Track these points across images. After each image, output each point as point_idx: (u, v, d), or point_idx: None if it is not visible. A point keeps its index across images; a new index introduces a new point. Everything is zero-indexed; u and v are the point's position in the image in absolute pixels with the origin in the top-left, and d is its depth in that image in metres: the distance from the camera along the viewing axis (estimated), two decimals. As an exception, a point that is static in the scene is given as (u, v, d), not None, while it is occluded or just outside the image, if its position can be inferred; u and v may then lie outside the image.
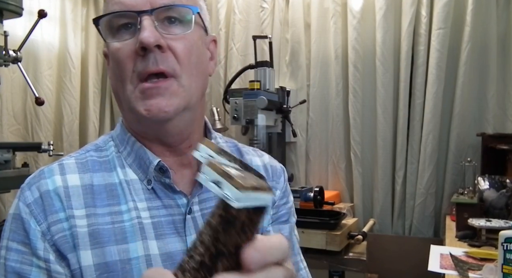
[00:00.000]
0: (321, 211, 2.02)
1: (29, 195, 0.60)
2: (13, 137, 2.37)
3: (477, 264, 1.28)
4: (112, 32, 0.61)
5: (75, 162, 0.64)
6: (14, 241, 0.59)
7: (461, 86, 2.16)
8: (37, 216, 0.59)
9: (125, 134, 0.67)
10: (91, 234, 0.59)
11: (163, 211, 0.64)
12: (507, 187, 1.71)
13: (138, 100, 0.60)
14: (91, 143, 0.70)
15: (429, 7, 2.21)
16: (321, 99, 2.48)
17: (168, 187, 0.65)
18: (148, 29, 0.58)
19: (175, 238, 0.63)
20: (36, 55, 2.46)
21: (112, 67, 0.63)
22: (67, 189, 0.61)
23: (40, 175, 0.62)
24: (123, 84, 0.61)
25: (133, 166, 0.65)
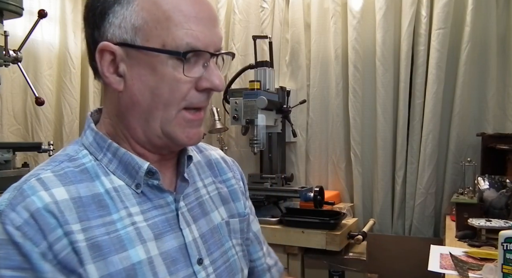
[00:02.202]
0: (321, 211, 2.02)
1: (16, 217, 0.56)
2: (13, 137, 2.37)
3: (477, 264, 1.28)
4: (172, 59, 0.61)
5: (54, 175, 0.61)
6: (7, 268, 0.54)
7: (461, 86, 2.16)
8: (33, 237, 0.55)
9: (104, 141, 0.66)
10: (91, 248, 0.58)
11: (155, 212, 0.66)
12: (507, 187, 1.71)
13: (180, 127, 0.64)
14: (59, 154, 0.67)
15: (429, 7, 2.21)
16: (321, 99, 2.48)
17: (156, 187, 0.67)
18: (217, 75, 0.64)
19: (172, 235, 0.66)
20: (36, 55, 2.46)
21: (156, 88, 0.62)
22: (57, 204, 0.58)
23: (22, 193, 0.58)
24: (165, 108, 0.63)
25: (117, 172, 0.65)
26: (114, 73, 0.64)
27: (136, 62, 0.62)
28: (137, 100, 0.63)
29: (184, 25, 0.61)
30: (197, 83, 0.64)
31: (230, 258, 0.75)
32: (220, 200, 0.79)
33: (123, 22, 0.61)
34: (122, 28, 0.61)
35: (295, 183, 2.46)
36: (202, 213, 0.73)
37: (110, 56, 0.63)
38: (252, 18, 2.61)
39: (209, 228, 0.73)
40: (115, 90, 0.64)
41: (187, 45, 0.61)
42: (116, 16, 0.62)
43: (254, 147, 2.21)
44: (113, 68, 0.64)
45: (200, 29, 0.62)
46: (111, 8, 0.62)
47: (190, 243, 0.68)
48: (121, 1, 0.61)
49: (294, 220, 1.92)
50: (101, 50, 0.63)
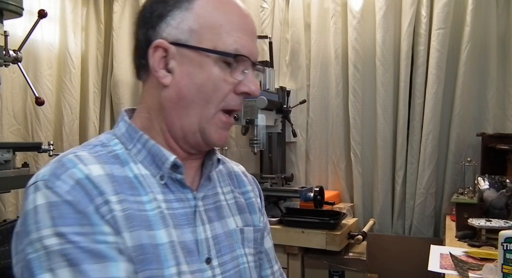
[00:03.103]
0: (321, 211, 2.02)
1: (62, 184, 0.60)
2: (13, 137, 2.37)
3: (477, 264, 1.28)
4: (219, 61, 0.68)
5: (89, 154, 0.66)
6: (65, 226, 0.57)
7: (461, 86, 2.16)
8: (82, 200, 0.59)
9: (135, 133, 0.71)
10: (126, 218, 0.62)
11: (176, 204, 0.70)
12: (507, 187, 1.71)
13: (215, 127, 0.71)
14: (93, 140, 0.72)
15: (429, 7, 2.21)
16: (321, 99, 2.48)
17: (178, 182, 0.71)
18: (254, 82, 0.72)
19: (189, 229, 0.70)
20: (36, 55, 2.47)
21: (202, 85, 0.68)
22: (94, 177, 0.62)
23: (64, 164, 0.62)
24: (206, 105, 0.69)
25: (144, 162, 0.70)
26: (164, 69, 0.70)
27: (187, 60, 0.69)
28: (183, 95, 0.69)
29: (233, 33, 0.69)
30: (236, 87, 0.71)
31: (240, 264, 0.76)
32: (237, 208, 0.82)
33: (181, 24, 0.68)
34: (178, 29, 0.68)
35: (295, 183, 2.46)
36: (217, 216, 0.76)
37: (162, 53, 0.69)
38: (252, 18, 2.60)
39: (223, 232, 0.76)
40: (161, 84, 0.69)
41: (235, 50, 0.68)
42: (174, 19, 0.69)
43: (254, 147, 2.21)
44: (163, 64, 0.69)
45: (245, 39, 0.70)
46: (170, 11, 0.69)
47: (202, 241, 0.70)
48: (181, 6, 0.69)
49: (294, 220, 1.92)
50: (155, 47, 0.69)
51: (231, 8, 0.71)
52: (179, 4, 0.69)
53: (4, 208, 2.32)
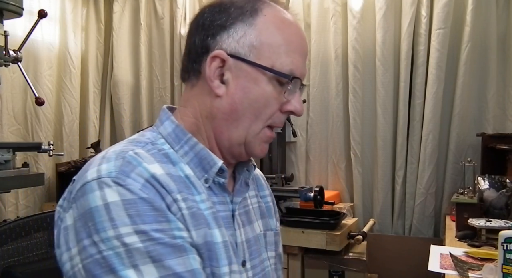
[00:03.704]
0: (321, 211, 2.02)
1: (133, 182, 0.59)
2: (13, 138, 2.37)
3: (477, 264, 1.28)
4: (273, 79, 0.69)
5: (146, 153, 0.66)
6: (145, 223, 0.57)
7: (461, 86, 2.16)
8: (155, 197, 0.60)
9: (184, 134, 0.71)
10: (191, 216, 0.64)
11: (219, 207, 0.71)
12: (507, 187, 1.71)
13: (259, 141, 0.73)
14: (139, 137, 0.71)
15: (429, 7, 2.21)
16: (321, 99, 2.48)
17: (220, 186, 0.72)
18: (301, 102, 0.74)
19: (229, 231, 0.71)
20: (36, 55, 2.47)
21: (255, 101, 0.70)
22: (159, 176, 0.63)
23: (129, 162, 0.62)
24: (256, 120, 0.70)
25: (190, 164, 0.70)
26: (218, 79, 0.70)
27: (244, 74, 0.69)
28: (235, 108, 0.70)
29: (291, 54, 0.70)
30: (283, 106, 0.72)
31: (265, 268, 0.79)
32: (260, 213, 0.84)
33: (243, 38, 0.69)
34: (240, 43, 0.69)
35: (295, 183, 2.46)
36: (247, 220, 0.78)
37: (219, 63, 0.69)
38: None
39: (252, 236, 0.78)
40: (215, 94, 0.70)
41: (290, 71, 0.70)
42: (237, 32, 0.69)
43: (254, 147, 2.21)
44: (218, 74, 0.70)
45: (300, 61, 0.72)
46: (233, 24, 0.70)
47: (239, 244, 0.72)
48: (245, 20, 0.70)
49: (294, 220, 1.92)
50: (214, 56, 0.69)
51: (292, 29, 0.72)
52: (243, 18, 0.70)
53: (4, 208, 2.32)
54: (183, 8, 2.74)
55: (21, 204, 2.41)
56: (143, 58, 2.82)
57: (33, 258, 1.00)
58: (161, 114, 0.75)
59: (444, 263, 1.32)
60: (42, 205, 2.50)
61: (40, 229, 1.03)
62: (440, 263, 1.33)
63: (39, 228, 1.03)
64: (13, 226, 0.99)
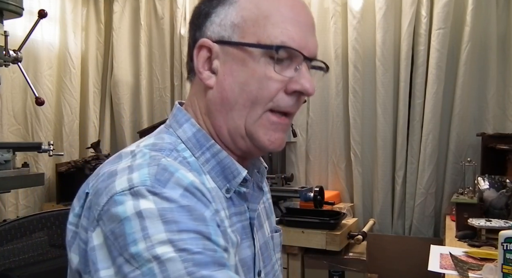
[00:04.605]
0: (321, 211, 2.02)
1: (170, 191, 0.52)
2: (13, 137, 2.37)
3: (477, 264, 1.28)
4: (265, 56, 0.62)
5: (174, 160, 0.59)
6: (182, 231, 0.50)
7: (461, 86, 2.16)
8: (196, 205, 0.53)
9: (207, 140, 0.65)
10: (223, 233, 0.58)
11: (235, 218, 0.65)
12: (507, 187, 1.71)
13: (263, 128, 0.63)
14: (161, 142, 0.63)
15: (429, 7, 2.21)
16: (321, 99, 2.48)
17: (241, 195, 0.67)
18: (309, 79, 0.63)
19: (246, 243, 0.66)
20: (36, 55, 2.47)
21: (246, 84, 0.62)
22: (198, 184, 0.56)
23: (165, 169, 0.55)
24: (252, 106, 0.62)
25: (212, 173, 0.64)
26: (208, 70, 0.65)
27: (230, 58, 0.63)
28: (226, 95, 0.63)
29: (281, 24, 0.62)
30: (287, 85, 0.63)
31: (275, 272, 0.75)
32: (266, 213, 0.79)
33: (224, 20, 0.63)
34: (221, 26, 0.64)
35: (295, 183, 2.46)
36: (259, 225, 0.73)
37: (207, 53, 0.64)
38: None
39: (264, 241, 0.73)
40: (206, 86, 0.65)
41: (281, 43, 0.61)
42: (217, 16, 0.64)
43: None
44: (208, 65, 0.65)
45: (296, 31, 0.62)
46: (214, 9, 0.65)
47: (257, 254, 0.68)
48: (225, 2, 0.64)
49: (294, 220, 1.92)
50: (199, 46, 0.64)
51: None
52: (224, 0, 0.64)
53: (4, 208, 2.32)
54: (183, 8, 2.74)
55: (21, 204, 2.41)
56: (143, 58, 2.82)
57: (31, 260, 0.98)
58: (176, 113, 0.67)
59: (444, 263, 1.32)
60: (42, 205, 2.50)
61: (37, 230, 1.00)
62: (440, 263, 1.33)
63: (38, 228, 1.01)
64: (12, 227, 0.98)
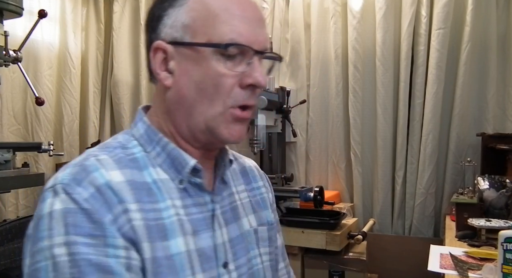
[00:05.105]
0: (321, 211, 2.02)
1: (82, 191, 0.58)
2: (13, 138, 2.37)
3: (477, 264, 1.28)
4: (217, 54, 0.64)
5: (110, 158, 0.64)
6: (78, 235, 0.55)
7: (461, 86, 2.16)
8: (99, 209, 0.57)
9: (155, 135, 0.69)
10: (145, 227, 0.60)
11: (194, 209, 0.68)
12: (507, 187, 1.71)
13: (225, 124, 0.66)
14: (112, 141, 0.70)
15: (429, 7, 2.21)
16: (321, 99, 2.48)
17: (197, 185, 0.69)
18: (260, 72, 0.66)
19: (207, 233, 0.68)
20: (36, 55, 2.46)
21: (201, 82, 0.65)
22: (115, 184, 0.60)
23: (85, 169, 0.60)
24: (211, 103, 0.65)
25: (163, 166, 0.67)
26: (165, 71, 0.67)
27: (184, 58, 0.66)
28: (183, 94, 0.66)
29: (229, 22, 0.64)
30: (241, 80, 0.66)
31: (253, 266, 0.75)
32: (251, 207, 0.80)
33: (175, 22, 0.66)
34: (173, 27, 0.66)
35: (295, 183, 2.46)
36: (234, 217, 0.74)
37: (162, 54, 0.67)
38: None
39: (240, 233, 0.74)
40: (164, 86, 0.68)
41: (230, 40, 0.63)
42: (169, 18, 0.67)
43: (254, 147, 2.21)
44: (164, 66, 0.67)
45: (244, 27, 0.65)
46: (165, 11, 0.67)
47: (220, 245, 0.69)
48: (174, 4, 0.67)
49: (294, 220, 1.92)
50: (154, 49, 0.67)
51: None
52: (174, 2, 0.67)
53: (4, 208, 2.32)
54: (183, 8, 2.74)
55: (21, 204, 2.41)
56: (143, 58, 2.82)
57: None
58: (136, 115, 0.72)
59: (444, 263, 1.32)
60: (42, 205, 2.50)
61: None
62: (440, 263, 1.33)
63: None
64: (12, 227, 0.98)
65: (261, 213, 0.82)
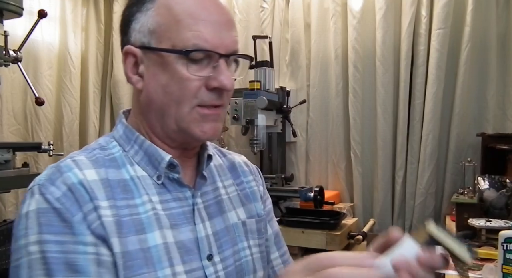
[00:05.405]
0: (321, 211, 2.02)
1: (55, 190, 0.61)
2: (13, 138, 2.37)
3: (477, 264, 1.28)
4: (181, 59, 0.66)
5: (87, 159, 0.67)
6: (49, 233, 0.59)
7: (461, 86, 2.16)
8: (70, 208, 0.60)
9: (132, 134, 0.72)
10: (116, 223, 0.63)
11: (173, 204, 0.70)
12: (507, 187, 1.71)
13: (195, 122, 0.68)
14: (93, 144, 0.73)
15: (429, 7, 2.21)
16: (321, 99, 2.48)
17: (176, 181, 0.71)
18: (226, 75, 0.67)
19: (187, 227, 0.70)
20: (36, 55, 2.46)
21: (167, 86, 0.67)
22: (88, 182, 0.63)
23: (59, 170, 0.64)
24: (178, 105, 0.67)
25: (141, 163, 0.70)
26: (136, 74, 0.70)
27: (152, 63, 0.68)
28: (152, 97, 0.69)
29: (192, 27, 0.65)
30: (207, 82, 0.67)
31: (242, 258, 0.76)
32: (240, 200, 0.82)
33: (142, 27, 0.68)
34: (141, 33, 0.68)
35: (295, 183, 2.46)
36: (218, 211, 0.76)
37: (133, 58, 0.70)
38: (252, 18, 2.61)
39: (225, 226, 0.76)
40: (137, 89, 0.71)
41: (193, 46, 0.65)
42: (137, 22, 0.69)
43: (254, 147, 2.21)
44: (136, 69, 0.70)
45: (208, 31, 0.66)
46: (134, 15, 0.69)
47: (202, 238, 0.70)
48: (142, 9, 0.68)
49: (294, 220, 1.92)
50: (125, 53, 0.70)
51: (190, 0, 0.67)
52: (140, 7, 0.68)
53: (4, 208, 2.32)
54: (183, 8, 2.74)
55: (21, 204, 2.41)
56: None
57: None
58: (117, 118, 0.76)
59: (444, 263, 1.32)
60: (42, 205, 2.50)
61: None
62: (440, 263, 1.32)
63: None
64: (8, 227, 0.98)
65: (250, 205, 0.83)
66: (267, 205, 0.89)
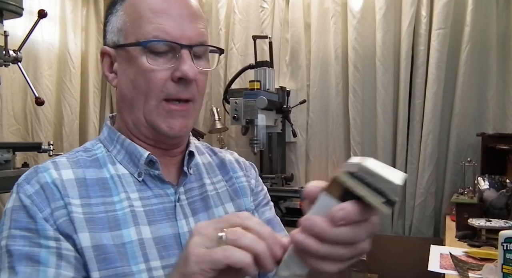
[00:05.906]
0: (321, 211, 2.01)
1: (29, 188, 0.65)
2: (13, 138, 2.37)
3: (477, 264, 1.28)
4: (145, 52, 0.68)
5: (67, 160, 0.71)
6: (16, 229, 0.63)
7: (461, 86, 2.16)
8: (39, 204, 0.64)
9: (114, 134, 0.75)
10: (87, 220, 0.65)
11: (154, 200, 0.71)
12: (507, 187, 1.71)
13: (161, 117, 0.70)
14: (80, 147, 0.77)
15: (429, 7, 2.21)
16: (321, 99, 2.48)
17: (157, 178, 0.73)
18: (188, 64, 0.68)
19: (167, 223, 0.70)
20: (36, 55, 2.46)
21: (135, 79, 0.70)
22: (62, 181, 0.67)
23: (36, 170, 0.68)
24: (146, 98, 0.69)
25: (123, 161, 0.73)
26: (113, 73, 0.74)
27: (122, 59, 0.72)
28: (123, 93, 0.72)
29: (153, 20, 0.68)
30: (172, 74, 0.69)
31: None
32: (229, 196, 0.82)
33: (113, 27, 0.72)
34: (112, 33, 0.73)
35: (295, 183, 2.46)
36: (204, 207, 0.77)
37: (108, 58, 0.74)
38: (252, 18, 2.61)
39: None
40: (114, 87, 0.75)
41: (153, 37, 0.67)
42: (110, 24, 0.73)
43: (254, 147, 2.21)
44: (111, 68, 0.74)
45: (169, 24, 0.68)
46: (107, 18, 0.75)
47: (185, 233, 0.71)
48: (113, 11, 0.73)
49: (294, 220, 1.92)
50: (101, 53, 0.75)
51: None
52: (112, 10, 0.73)
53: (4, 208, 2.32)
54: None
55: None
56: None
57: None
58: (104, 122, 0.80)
59: (444, 263, 1.32)
60: (42, 205, 2.50)
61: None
62: (440, 263, 1.33)
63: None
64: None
65: (239, 200, 0.84)
66: (260, 196, 0.88)
